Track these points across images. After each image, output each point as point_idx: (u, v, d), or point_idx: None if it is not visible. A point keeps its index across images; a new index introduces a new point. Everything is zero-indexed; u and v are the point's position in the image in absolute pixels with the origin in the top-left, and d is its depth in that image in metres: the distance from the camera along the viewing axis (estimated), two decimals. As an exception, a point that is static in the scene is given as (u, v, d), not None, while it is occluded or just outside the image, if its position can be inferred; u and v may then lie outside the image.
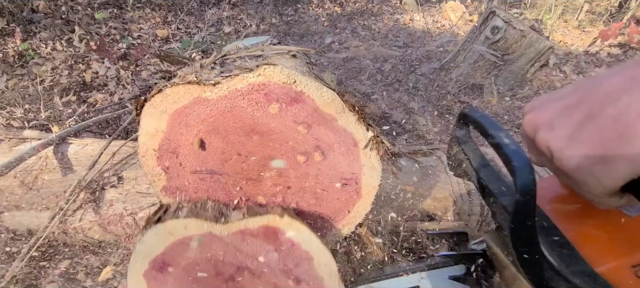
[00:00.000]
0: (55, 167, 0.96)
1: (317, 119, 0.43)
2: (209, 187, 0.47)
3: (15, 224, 0.93)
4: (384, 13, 4.29)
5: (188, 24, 3.43)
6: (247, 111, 0.43)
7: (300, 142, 0.45)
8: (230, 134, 0.44)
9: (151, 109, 0.42)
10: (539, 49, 1.76)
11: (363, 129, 0.44)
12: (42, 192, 0.93)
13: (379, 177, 0.47)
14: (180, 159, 0.45)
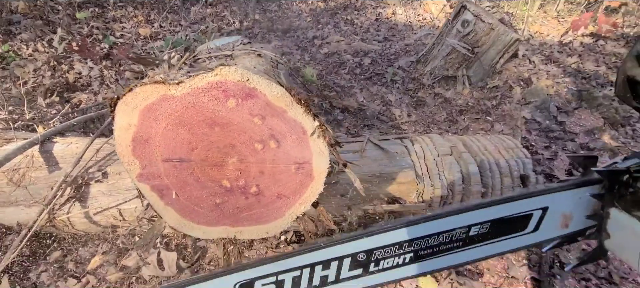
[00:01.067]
0: (41, 164, 1.02)
1: (270, 111, 0.51)
2: (179, 171, 0.54)
3: (4, 219, 0.98)
4: (366, 7, 4.35)
5: (171, 22, 3.44)
6: (208, 106, 0.50)
7: (256, 132, 0.52)
8: (194, 126, 0.51)
9: (123, 106, 0.48)
10: (506, 41, 1.86)
11: (310, 119, 0.51)
12: (30, 188, 0.98)
13: (328, 161, 0.55)
14: (153, 147, 0.52)
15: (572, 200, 0.57)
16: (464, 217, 0.56)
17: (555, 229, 0.59)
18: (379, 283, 0.59)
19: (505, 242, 0.59)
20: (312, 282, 0.57)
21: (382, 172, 1.06)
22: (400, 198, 1.07)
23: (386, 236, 0.55)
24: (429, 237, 0.56)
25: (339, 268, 0.56)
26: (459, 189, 1.07)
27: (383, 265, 0.57)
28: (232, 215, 0.59)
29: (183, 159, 0.53)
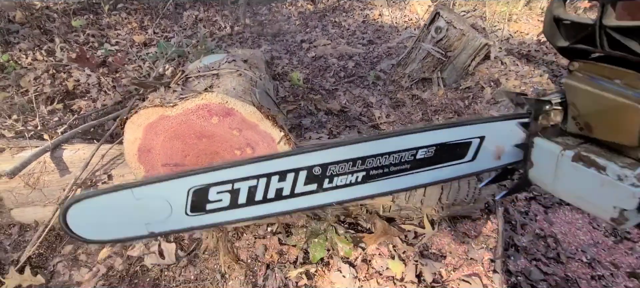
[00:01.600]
0: (53, 169, 1.15)
1: (245, 125, 0.65)
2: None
3: (23, 218, 1.12)
4: (354, 9, 4.49)
5: (165, 28, 3.55)
6: (197, 122, 0.64)
7: (235, 141, 0.66)
8: (186, 138, 0.65)
9: (130, 124, 0.62)
10: (475, 46, 2.01)
11: (277, 130, 0.66)
12: (44, 191, 1.12)
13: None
14: (154, 155, 0.66)
15: (505, 131, 0.63)
16: (413, 138, 0.61)
17: (490, 160, 0.66)
18: (332, 202, 0.63)
19: (448, 169, 0.65)
20: (268, 194, 0.58)
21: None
22: (371, 192, 1.22)
23: (341, 150, 0.58)
24: (381, 156, 0.60)
25: (295, 181, 0.58)
26: (421, 183, 1.22)
27: (336, 182, 0.60)
28: (219, 207, 0.73)
29: (178, 164, 0.67)
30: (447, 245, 1.33)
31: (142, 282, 1.09)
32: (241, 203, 0.59)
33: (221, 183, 0.57)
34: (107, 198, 0.57)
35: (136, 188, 0.56)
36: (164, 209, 0.57)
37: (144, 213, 0.57)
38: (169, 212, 0.57)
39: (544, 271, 1.28)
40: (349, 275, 1.18)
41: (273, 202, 0.60)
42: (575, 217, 1.50)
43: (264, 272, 1.16)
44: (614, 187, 0.47)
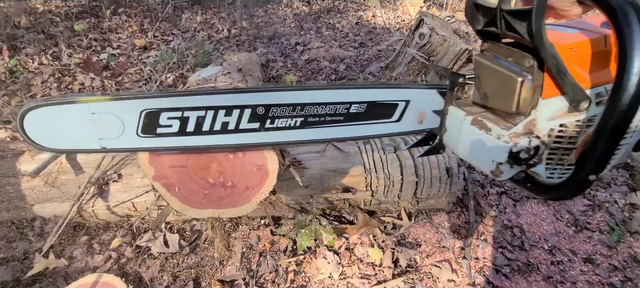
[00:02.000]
0: (69, 169, 1.29)
1: None
2: (180, 174, 0.83)
3: (44, 213, 1.27)
4: (349, 10, 4.62)
5: (164, 31, 3.68)
6: None
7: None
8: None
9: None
10: (456, 51, 2.15)
11: None
12: (61, 188, 1.26)
13: (277, 163, 0.83)
14: (163, 160, 0.81)
15: (427, 98, 0.69)
16: (348, 93, 0.66)
17: (414, 122, 0.71)
18: (272, 142, 0.66)
19: (377, 126, 0.70)
20: (214, 126, 0.61)
21: (337, 168, 1.35)
22: (352, 187, 1.37)
23: (283, 95, 0.62)
24: (319, 105, 0.64)
25: (240, 117, 0.61)
26: (398, 179, 1.37)
27: (277, 123, 0.64)
28: (216, 201, 0.88)
29: (182, 166, 0.81)
30: (422, 235, 1.48)
31: (150, 268, 1.24)
32: (189, 131, 0.63)
33: (172, 110, 0.60)
34: (63, 108, 0.59)
35: (92, 103, 0.59)
36: (117, 127, 0.60)
37: (97, 128, 0.60)
38: (121, 130, 0.61)
39: (508, 257, 1.43)
40: (333, 262, 1.33)
41: (219, 134, 0.64)
42: (540, 210, 1.65)
43: (257, 259, 1.31)
44: (494, 145, 0.56)
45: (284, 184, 1.24)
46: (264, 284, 1.24)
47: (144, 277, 1.21)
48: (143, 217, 1.30)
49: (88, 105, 0.59)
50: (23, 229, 1.25)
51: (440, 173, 1.39)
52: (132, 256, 1.25)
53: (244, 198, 0.88)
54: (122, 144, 0.63)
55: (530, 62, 0.51)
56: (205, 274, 1.23)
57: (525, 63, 0.52)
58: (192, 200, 0.87)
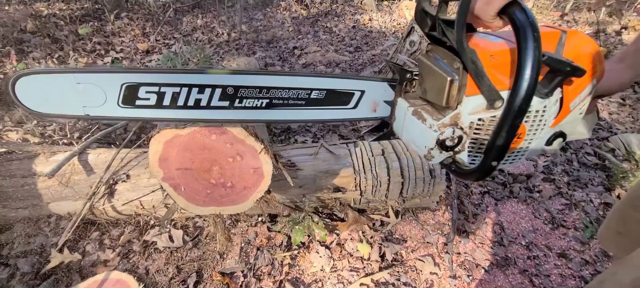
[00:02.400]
0: (80, 170, 1.40)
1: (236, 140, 0.90)
2: (185, 175, 0.93)
3: (59, 211, 1.38)
4: (346, 13, 4.72)
5: (165, 35, 3.78)
6: (201, 139, 0.89)
7: (228, 152, 0.91)
8: (193, 150, 0.90)
9: (154, 141, 0.87)
10: (444, 57, 2.26)
11: (259, 144, 0.91)
12: (74, 188, 1.37)
13: (271, 166, 0.94)
14: (171, 162, 0.91)
15: (380, 90, 0.75)
16: (310, 80, 0.72)
17: (368, 110, 0.78)
18: (239, 119, 0.72)
19: (335, 111, 0.76)
20: (188, 101, 0.67)
21: (329, 169, 1.46)
22: (343, 187, 1.48)
23: (251, 78, 0.68)
24: (283, 89, 0.70)
25: (211, 95, 0.67)
26: (385, 179, 1.48)
27: (245, 103, 0.70)
28: (218, 199, 0.98)
29: (187, 168, 0.92)
30: (408, 232, 1.59)
31: (156, 261, 1.35)
32: (165, 105, 0.68)
33: (150, 85, 0.65)
34: (51, 77, 0.63)
35: (78, 74, 0.62)
36: (100, 97, 0.65)
37: (82, 96, 0.65)
38: (103, 100, 0.66)
39: (488, 252, 1.54)
40: (325, 256, 1.44)
41: (192, 109, 0.69)
42: (520, 208, 1.77)
43: (255, 253, 1.42)
44: (427, 133, 0.64)
45: (279, 184, 1.35)
46: (261, 276, 1.35)
47: (150, 269, 1.32)
48: (149, 215, 1.41)
49: (74, 76, 0.64)
50: (40, 225, 1.36)
51: (424, 174, 1.50)
52: (139, 250, 1.36)
53: (242, 197, 0.99)
54: (103, 113, 0.68)
55: (457, 65, 0.60)
56: (206, 267, 1.34)
57: (454, 65, 0.61)
58: (196, 198, 0.98)
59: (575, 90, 0.62)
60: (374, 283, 1.36)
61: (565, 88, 0.62)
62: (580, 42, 0.62)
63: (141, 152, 1.46)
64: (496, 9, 0.54)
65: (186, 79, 0.67)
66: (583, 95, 0.64)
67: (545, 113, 0.61)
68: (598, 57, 0.62)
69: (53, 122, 2.24)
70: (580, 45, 0.61)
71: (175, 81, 0.67)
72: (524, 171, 1.97)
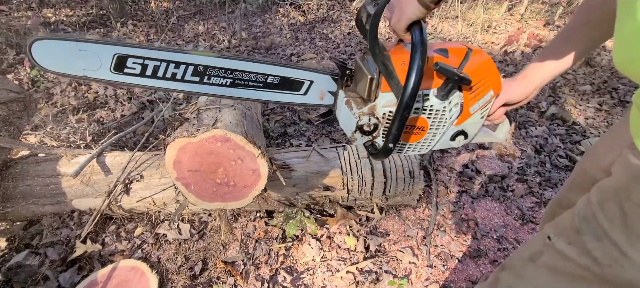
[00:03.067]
0: (99, 171, 1.58)
1: (237, 146, 1.07)
2: (195, 176, 1.11)
3: (81, 207, 1.56)
4: (341, 20, 4.90)
5: (169, 41, 3.96)
6: (208, 146, 1.07)
7: (231, 156, 1.09)
8: (202, 154, 1.07)
9: (170, 147, 1.05)
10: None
11: (257, 149, 1.09)
12: (94, 186, 1.55)
13: (267, 168, 1.12)
14: (183, 165, 1.09)
15: (326, 81, 0.85)
16: (267, 67, 0.82)
17: (316, 98, 0.88)
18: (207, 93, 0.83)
19: (287, 95, 0.87)
20: (166, 74, 0.79)
21: (319, 170, 1.65)
22: (332, 186, 1.66)
23: (218, 60, 0.78)
24: (244, 72, 0.81)
25: (185, 71, 0.78)
26: (369, 179, 1.67)
27: (212, 80, 0.81)
28: (222, 196, 1.16)
29: (197, 170, 1.10)
30: (391, 226, 1.78)
31: (166, 251, 1.53)
32: (147, 74, 0.80)
33: (136, 57, 0.77)
34: (59, 43, 0.76)
35: (79, 43, 0.76)
36: (96, 62, 0.78)
37: (82, 61, 0.77)
38: (99, 65, 0.78)
39: (462, 245, 1.73)
40: (315, 247, 1.62)
41: (168, 80, 0.81)
42: (494, 206, 1.95)
43: (253, 245, 1.60)
44: (351, 119, 0.74)
45: (275, 184, 1.53)
46: (259, 265, 1.53)
47: (161, 258, 1.50)
48: (160, 210, 1.59)
49: (77, 44, 0.77)
50: (65, 219, 1.54)
51: (404, 175, 1.68)
52: (152, 242, 1.55)
53: (242, 194, 1.18)
54: (98, 76, 0.80)
55: (377, 66, 0.74)
56: (211, 256, 1.52)
57: (376, 66, 0.75)
58: (204, 195, 1.16)
59: (474, 97, 0.79)
60: (358, 271, 1.55)
61: (465, 94, 0.78)
62: (479, 59, 0.78)
63: (152, 154, 1.64)
64: (403, 26, 0.70)
65: (166, 56, 0.80)
66: (482, 102, 0.81)
67: (446, 113, 0.77)
68: (492, 73, 0.79)
69: (66, 126, 2.42)
70: (479, 61, 0.77)
71: (157, 56, 0.79)
72: (499, 172, 2.15)
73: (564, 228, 0.66)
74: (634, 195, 0.53)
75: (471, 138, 0.88)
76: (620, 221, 0.55)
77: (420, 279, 1.56)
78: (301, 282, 1.50)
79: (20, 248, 1.46)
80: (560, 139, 2.47)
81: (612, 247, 0.56)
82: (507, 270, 0.81)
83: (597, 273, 0.59)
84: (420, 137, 0.82)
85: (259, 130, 1.36)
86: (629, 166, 0.56)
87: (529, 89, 0.86)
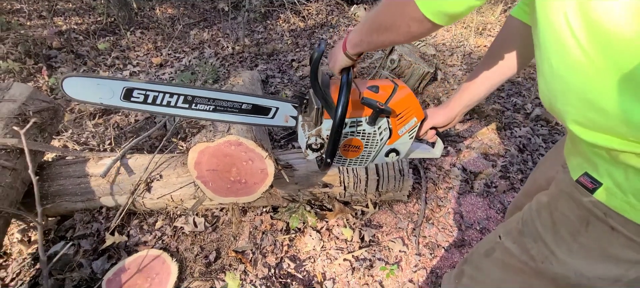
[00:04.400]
0: (123, 171, 1.78)
1: (248, 149, 1.27)
2: (212, 175, 1.31)
3: (108, 203, 1.76)
4: (340, 25, 5.09)
5: (176, 48, 4.16)
6: (224, 149, 1.26)
7: (243, 157, 1.29)
8: (219, 156, 1.27)
9: (192, 151, 1.24)
10: (420, 73, 2.64)
11: (265, 152, 1.28)
12: (120, 185, 1.75)
13: (273, 168, 1.31)
14: (203, 166, 1.29)
15: (289, 108, 1.05)
16: (242, 97, 1.01)
17: (282, 120, 1.08)
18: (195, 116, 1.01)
19: (259, 118, 1.05)
20: (163, 101, 0.97)
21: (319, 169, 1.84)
22: (330, 184, 1.86)
23: (203, 92, 0.98)
24: (224, 101, 1.00)
25: (178, 99, 0.96)
26: (364, 177, 1.86)
27: (198, 107, 1.00)
28: (235, 192, 1.36)
29: (214, 169, 1.30)
30: (384, 219, 1.97)
31: (183, 242, 1.73)
32: (149, 102, 0.99)
33: (140, 90, 0.97)
34: (83, 79, 0.97)
35: (98, 79, 0.97)
36: (109, 93, 0.97)
37: (99, 92, 0.96)
38: (111, 95, 0.97)
39: (448, 235, 1.92)
40: (316, 238, 1.82)
41: (165, 106, 0.99)
42: (478, 201, 2.14)
43: (261, 236, 1.80)
44: (303, 139, 0.97)
45: (280, 182, 1.73)
46: (266, 254, 1.73)
47: (180, 248, 1.70)
48: (178, 206, 1.79)
49: (96, 80, 1.00)
50: (95, 214, 1.74)
51: (395, 173, 1.88)
52: (170, 234, 1.74)
53: (252, 190, 1.38)
54: (111, 103, 1.02)
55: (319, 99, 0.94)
56: (223, 246, 1.72)
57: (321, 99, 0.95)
58: (219, 191, 1.36)
59: (401, 123, 0.99)
60: (354, 258, 1.74)
61: (393, 121, 0.98)
62: (403, 93, 0.97)
63: (170, 157, 1.83)
64: (337, 70, 0.90)
65: (163, 88, 0.99)
66: (408, 127, 1.01)
67: (376, 136, 0.97)
68: (414, 103, 0.99)
69: (85, 130, 2.62)
70: (402, 95, 0.97)
71: (155, 89, 0.98)
72: (484, 170, 2.35)
73: (511, 229, 0.78)
74: (560, 206, 0.66)
75: (403, 155, 1.09)
76: (551, 227, 0.67)
77: (410, 266, 1.75)
78: (304, 268, 1.70)
79: (55, 241, 1.66)
80: (543, 138, 2.66)
81: (544, 247, 0.68)
82: (468, 263, 0.95)
83: (533, 268, 0.71)
84: (357, 154, 1.03)
85: (265, 134, 1.56)
86: (558, 182, 0.69)
87: (451, 116, 1.04)
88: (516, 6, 0.86)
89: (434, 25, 0.62)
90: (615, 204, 0.55)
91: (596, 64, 0.45)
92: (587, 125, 0.53)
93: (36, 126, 1.74)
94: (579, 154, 0.62)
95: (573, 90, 0.51)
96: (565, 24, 0.47)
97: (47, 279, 1.32)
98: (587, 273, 0.62)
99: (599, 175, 0.57)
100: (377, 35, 0.75)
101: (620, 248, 0.57)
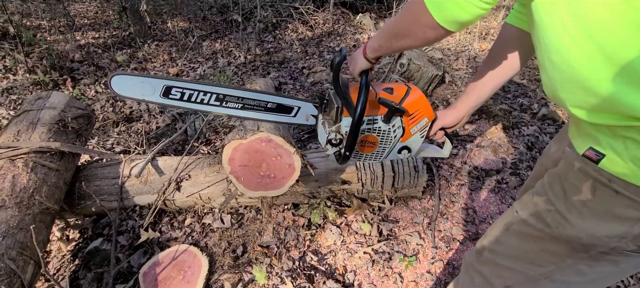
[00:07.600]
0: (154, 172, 1.89)
1: (277, 145, 1.37)
2: (244, 170, 1.41)
3: (141, 202, 1.87)
4: (347, 33, 5.23)
5: (191, 59, 4.32)
6: (255, 145, 1.36)
7: (272, 153, 1.39)
8: (250, 152, 1.37)
9: (226, 148, 1.35)
10: (429, 76, 2.75)
11: (293, 147, 1.38)
12: (151, 185, 1.86)
13: (300, 163, 1.41)
14: (236, 161, 1.40)
15: (310, 107, 1.12)
16: (267, 96, 1.09)
17: (303, 119, 1.15)
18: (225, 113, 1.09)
19: (282, 116, 1.12)
20: (197, 99, 1.05)
21: (337, 167, 1.93)
22: (348, 181, 1.95)
23: (233, 91, 1.05)
24: (251, 100, 1.08)
25: (210, 98, 1.04)
26: (380, 174, 1.95)
27: (229, 105, 1.08)
28: (264, 186, 1.45)
29: (246, 165, 1.40)
30: (400, 214, 2.05)
31: (211, 238, 1.83)
32: (185, 99, 1.07)
33: (178, 88, 1.05)
34: (128, 77, 1.04)
35: (141, 77, 1.04)
36: (150, 90, 1.04)
37: (142, 89, 1.04)
38: (152, 92, 1.04)
39: (463, 229, 1.99)
40: (336, 233, 1.90)
41: (199, 104, 1.07)
42: (490, 196, 2.22)
43: (284, 232, 1.89)
44: (324, 135, 1.03)
45: (303, 178, 1.83)
46: (289, 248, 1.82)
47: (208, 243, 1.80)
48: (205, 204, 1.90)
49: (139, 78, 1.08)
50: (129, 213, 1.84)
51: (410, 170, 1.97)
52: (199, 230, 1.84)
53: (281, 184, 1.48)
54: (152, 99, 1.09)
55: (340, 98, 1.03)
56: (249, 241, 1.81)
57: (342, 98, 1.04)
58: (250, 185, 1.46)
59: (413, 122, 1.08)
60: (373, 251, 1.82)
61: (406, 120, 1.06)
62: (415, 95, 1.06)
63: (196, 158, 1.95)
64: (356, 73, 1.00)
65: (197, 87, 1.07)
66: (420, 126, 1.10)
67: (390, 133, 1.05)
68: (425, 105, 1.07)
69: (109, 137, 2.75)
70: (415, 97, 1.06)
71: (191, 87, 1.07)
72: (494, 167, 2.43)
73: (526, 203, 0.87)
74: (570, 177, 0.75)
75: (414, 152, 1.17)
76: (562, 196, 0.76)
77: (427, 258, 1.83)
78: (326, 261, 1.78)
79: (93, 238, 1.77)
80: (550, 136, 2.74)
81: (558, 214, 0.76)
82: (487, 238, 1.01)
83: (549, 234, 0.79)
84: (372, 149, 1.12)
85: (289, 134, 1.67)
86: (567, 157, 0.78)
87: (459, 116, 1.13)
88: (510, 14, 0.97)
89: (446, 32, 0.73)
90: (617, 170, 0.64)
91: (587, 53, 0.55)
92: (586, 107, 0.63)
93: (74, 131, 1.87)
94: (582, 133, 0.72)
95: (571, 79, 0.61)
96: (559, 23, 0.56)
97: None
98: (596, 232, 0.71)
99: (602, 147, 0.66)
100: (395, 41, 0.85)
101: (624, 209, 0.66)
